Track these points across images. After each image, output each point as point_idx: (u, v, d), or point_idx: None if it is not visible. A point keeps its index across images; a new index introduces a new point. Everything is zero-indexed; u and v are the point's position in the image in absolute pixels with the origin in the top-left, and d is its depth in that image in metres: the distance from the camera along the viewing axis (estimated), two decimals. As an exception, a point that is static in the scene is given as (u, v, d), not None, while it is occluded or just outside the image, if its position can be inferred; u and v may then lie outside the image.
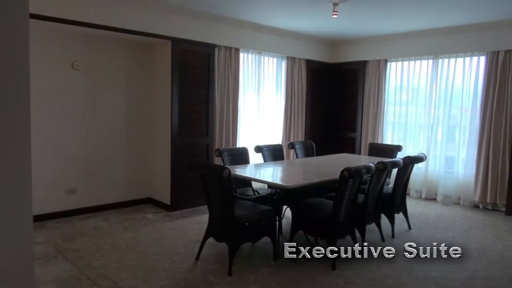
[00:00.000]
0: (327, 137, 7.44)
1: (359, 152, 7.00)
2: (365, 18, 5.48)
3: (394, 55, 6.63)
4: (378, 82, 6.80)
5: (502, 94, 5.50)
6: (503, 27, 5.42)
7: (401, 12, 5.12)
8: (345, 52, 7.26)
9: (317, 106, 7.28)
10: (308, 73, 6.97)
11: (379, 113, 6.81)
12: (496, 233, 4.70)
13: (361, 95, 7.06)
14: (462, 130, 6.06)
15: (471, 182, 5.88)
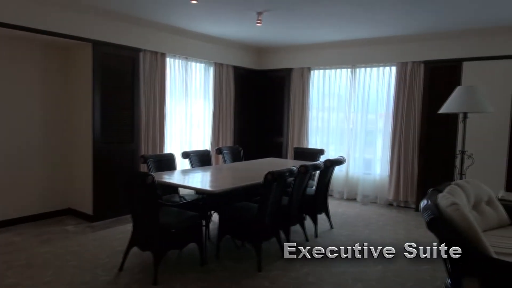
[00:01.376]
0: (255, 142, 7.61)
1: (286, 156, 7.25)
2: (288, 28, 5.71)
3: (317, 63, 6.98)
4: (303, 89, 7.11)
5: (411, 101, 6.05)
6: (411, 41, 5.97)
7: (321, 24, 5.42)
8: (272, 59, 7.49)
9: (245, 112, 7.42)
10: (236, 80, 7.08)
11: (304, 119, 7.12)
12: (407, 228, 5.13)
13: (287, 101, 7.32)
14: (378, 134, 6.55)
15: (386, 182, 6.37)
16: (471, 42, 5.55)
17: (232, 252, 4.08)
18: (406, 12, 4.73)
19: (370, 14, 4.87)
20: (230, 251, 4.10)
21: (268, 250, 4.08)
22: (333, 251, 4.10)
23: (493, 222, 3.60)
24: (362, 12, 4.76)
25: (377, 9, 4.64)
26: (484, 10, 4.56)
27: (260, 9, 4.67)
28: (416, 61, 5.97)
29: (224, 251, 4.04)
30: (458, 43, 5.64)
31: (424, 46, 5.90)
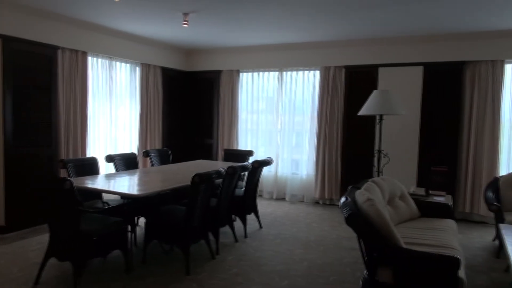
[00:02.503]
0: (185, 144, 7.51)
1: (216, 158, 7.25)
2: (216, 30, 5.72)
3: (245, 66, 7.08)
4: (232, 91, 7.16)
5: (334, 104, 6.37)
6: (333, 47, 6.30)
7: (248, 28, 5.51)
8: (201, 61, 7.45)
9: (174, 114, 7.29)
10: (164, 81, 6.93)
11: (234, 121, 7.17)
12: (332, 224, 5.39)
13: (217, 103, 7.33)
14: (304, 136, 6.80)
15: (313, 182, 6.64)
16: (386, 50, 5.99)
17: (160, 257, 3.98)
18: (328, 20, 4.98)
19: (294, 20, 5.05)
20: (158, 256, 4.00)
21: (197, 252, 4.05)
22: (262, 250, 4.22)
23: (405, 215, 3.92)
24: (287, 17, 4.92)
25: (300, 16, 4.83)
26: (394, 21, 4.95)
27: (186, 10, 4.63)
28: (338, 66, 6.31)
29: (152, 256, 3.94)
30: (374, 50, 6.06)
31: (345, 52, 6.25)
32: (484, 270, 3.85)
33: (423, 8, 4.45)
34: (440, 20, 4.91)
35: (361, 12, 4.62)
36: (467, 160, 5.61)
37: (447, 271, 2.45)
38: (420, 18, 4.82)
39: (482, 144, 5.49)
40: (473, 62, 5.53)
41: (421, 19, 4.89)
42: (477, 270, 3.86)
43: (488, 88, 5.43)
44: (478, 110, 5.50)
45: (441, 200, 4.33)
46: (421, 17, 4.78)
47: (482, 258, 4.22)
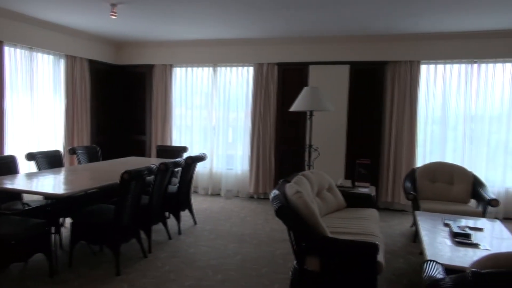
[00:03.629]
0: (116, 141, 7.23)
1: (149, 155, 7.07)
2: (147, 23, 5.57)
3: (179, 61, 6.96)
4: (165, 86, 7.02)
5: (267, 100, 6.50)
6: (266, 44, 6.41)
7: (179, 21, 5.43)
8: (132, 54, 7.20)
9: (104, 109, 6.99)
10: (92, 74, 6.60)
11: (168, 116, 7.03)
12: (266, 218, 5.52)
13: (149, 99, 7.13)
14: (239, 131, 6.86)
15: (247, 177, 6.74)
16: (316, 48, 6.23)
17: (88, 258, 3.82)
18: (260, 17, 5.07)
19: (227, 15, 5.07)
20: (86, 257, 3.83)
21: (128, 252, 3.95)
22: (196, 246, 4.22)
23: (333, 206, 4.13)
24: (219, 12, 4.93)
25: (233, 11, 4.86)
26: (324, 22, 5.17)
27: (114, 1, 4.45)
28: (271, 63, 6.45)
29: (79, 259, 3.76)
30: (306, 48, 6.28)
31: (278, 49, 6.40)
32: (402, 254, 4.18)
33: (350, 11, 4.69)
34: (364, 23, 5.21)
35: (293, 11, 4.76)
36: (388, 153, 6.03)
37: (367, 256, 2.64)
38: (347, 20, 5.08)
39: (402, 138, 5.93)
40: (393, 62, 5.94)
41: (348, 21, 5.15)
42: (396, 254, 4.18)
43: (406, 87, 5.88)
44: (398, 107, 5.93)
45: (365, 191, 4.61)
46: (348, 19, 5.04)
47: (401, 243, 4.58)
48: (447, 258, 2.78)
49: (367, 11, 4.71)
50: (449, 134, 5.90)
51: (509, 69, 5.57)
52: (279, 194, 3.07)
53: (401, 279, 3.54)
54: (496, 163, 5.73)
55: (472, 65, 5.69)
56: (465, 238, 3.19)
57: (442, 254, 2.91)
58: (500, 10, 4.50)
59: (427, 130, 5.98)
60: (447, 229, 3.51)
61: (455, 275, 1.82)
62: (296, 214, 2.84)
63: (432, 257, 2.73)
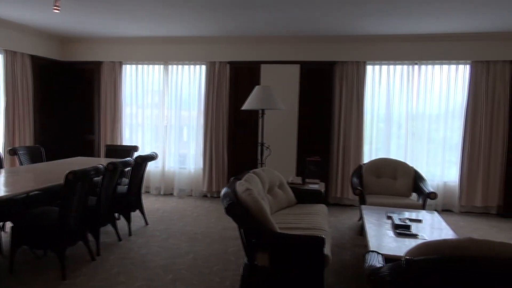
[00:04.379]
0: (62, 140, 6.93)
1: (99, 155, 6.84)
2: (93, 18, 5.38)
3: (129, 58, 6.79)
4: (115, 84, 6.82)
5: (220, 98, 6.51)
6: (218, 42, 6.41)
7: (129, 17, 5.30)
8: (79, 51, 6.92)
9: (49, 107, 6.67)
10: (34, 71, 6.28)
11: (117, 115, 6.84)
12: (219, 216, 5.52)
13: (98, 97, 6.90)
14: (191, 130, 6.82)
15: (200, 175, 6.71)
16: (267, 48, 6.32)
17: (32, 263, 3.65)
18: (211, 16, 5.06)
19: (176, 13, 5.01)
20: (29, 263, 3.65)
21: (75, 255, 3.82)
22: (147, 247, 4.15)
23: (284, 203, 4.22)
24: (167, 10, 4.86)
25: (184, 9, 4.82)
26: (273, 22, 5.26)
27: (58, -6, 4.26)
28: (223, 61, 6.46)
29: (22, 264, 3.58)
30: (257, 48, 6.35)
31: (230, 48, 6.42)
32: (350, 247, 4.36)
33: (300, 12, 4.81)
34: (314, 24, 5.36)
35: (242, 10, 4.80)
36: (337, 151, 6.25)
37: (314, 249, 2.73)
38: (298, 21, 5.20)
39: (350, 136, 6.16)
40: (341, 62, 6.16)
41: (298, 22, 5.27)
42: (344, 247, 4.36)
43: (353, 86, 6.11)
44: (346, 105, 6.16)
45: (315, 187, 4.75)
46: (298, 20, 5.16)
47: (349, 236, 4.77)
48: (388, 249, 2.94)
49: (317, 13, 4.85)
50: (393, 132, 6.21)
51: (446, 71, 5.96)
52: (229, 192, 3.10)
53: (348, 271, 3.70)
54: (436, 158, 6.11)
55: (413, 66, 6.03)
56: (405, 229, 3.39)
57: (384, 245, 3.08)
58: (438, 16, 4.80)
59: (373, 128, 6.26)
60: (389, 221, 3.71)
61: (392, 264, 1.94)
62: (246, 211, 2.89)
63: (374, 248, 2.88)
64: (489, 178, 5.83)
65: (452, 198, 6.04)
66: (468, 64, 5.84)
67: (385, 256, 2.45)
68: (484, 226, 5.37)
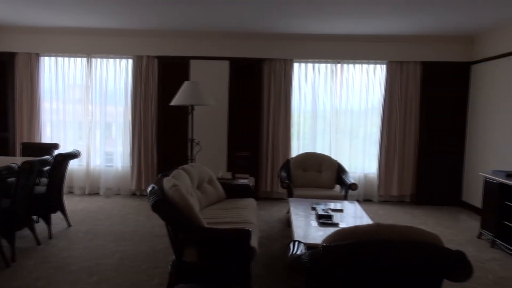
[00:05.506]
0: (-31, 139, 6.31)
1: (14, 154, 6.33)
2: (3, 3, 4.95)
3: (47, 49, 6.34)
4: (31, 77, 6.34)
5: (148, 94, 6.34)
6: (145, 36, 6.23)
7: (46, 4, 4.96)
8: (-12, 40, 6.33)
9: (-47, 102, 6.02)
10: None
11: (35, 111, 6.37)
12: (148, 214, 5.39)
13: (12, 91, 6.36)
14: (118, 127, 6.56)
15: (129, 173, 6.50)
16: (196, 43, 6.28)
17: None
18: (133, 7, 4.91)
19: (100, 3, 4.79)
20: None
21: (-14, 263, 3.51)
22: (69, 250, 3.95)
23: (213, 198, 4.25)
24: (91, 0, 4.64)
25: (107, 0, 4.63)
26: (203, 17, 5.24)
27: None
28: (151, 56, 6.29)
29: None
30: (186, 43, 6.28)
31: (157, 42, 6.27)
32: (278, 238, 4.52)
33: (228, 9, 4.83)
34: (242, 21, 5.42)
35: (162, 3, 4.70)
36: (267, 146, 6.41)
37: (240, 242, 2.80)
38: (226, 16, 5.22)
39: (278, 131, 6.35)
40: (269, 59, 6.31)
41: (227, 18, 5.30)
42: (273, 238, 4.50)
43: (281, 83, 6.30)
44: (274, 102, 6.33)
45: (244, 182, 4.84)
46: (227, 16, 5.18)
47: (278, 228, 4.93)
48: (311, 238, 3.11)
49: (244, 10, 4.92)
50: (319, 127, 6.50)
51: (366, 70, 6.37)
52: (156, 188, 3.05)
53: (276, 262, 3.83)
54: (358, 152, 6.52)
55: (336, 64, 6.36)
56: (327, 219, 3.60)
57: (308, 235, 3.24)
58: (355, 18, 5.12)
59: (301, 123, 6.51)
60: (314, 212, 3.91)
61: (311, 251, 2.07)
62: (173, 207, 2.87)
63: (298, 238, 3.03)
64: (403, 170, 6.35)
65: (372, 188, 6.49)
66: (384, 64, 6.29)
67: (308, 245, 2.58)
68: (399, 213, 5.85)
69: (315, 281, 2.26)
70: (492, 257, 4.09)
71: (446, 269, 1.95)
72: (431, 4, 4.45)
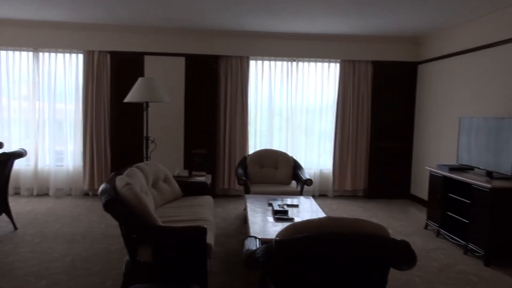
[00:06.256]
0: None
1: (-48, 154, 5.90)
2: None
3: (-9, 43, 5.98)
4: (-29, 71, 5.95)
5: (100, 90, 6.14)
6: (96, 30, 6.02)
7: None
8: None
9: None
10: None
11: (-24, 108, 5.99)
12: (101, 215, 5.18)
13: (-51, 86, 5.94)
14: (68, 124, 6.30)
15: (81, 173, 6.26)
16: (151, 39, 6.15)
17: None
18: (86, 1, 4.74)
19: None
20: None
21: None
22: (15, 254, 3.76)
23: (169, 196, 4.20)
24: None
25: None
26: (156, 11, 5.14)
27: None
28: (103, 51, 6.09)
29: None
30: (140, 38, 6.13)
31: (110, 37, 6.09)
32: (235, 235, 4.54)
33: (181, 3, 4.77)
34: (195, 16, 5.37)
35: None
36: (224, 143, 6.40)
37: (196, 239, 2.79)
38: (180, 12, 5.15)
39: (235, 128, 6.36)
40: (226, 56, 6.30)
41: (181, 13, 5.22)
42: (231, 235, 4.52)
43: (238, 80, 6.31)
44: (231, 99, 6.34)
45: (201, 179, 4.81)
46: (180, 11, 5.11)
47: (235, 225, 4.95)
48: (266, 233, 3.15)
49: (199, 6, 4.87)
50: (275, 124, 6.58)
51: (320, 68, 6.52)
52: (108, 187, 2.97)
53: (233, 258, 3.84)
54: (313, 148, 6.66)
55: (291, 62, 6.46)
56: (283, 214, 3.66)
57: (264, 230, 3.29)
58: (310, 15, 5.22)
59: (257, 120, 6.56)
60: (270, 208, 3.96)
61: (264, 245, 2.10)
62: (126, 206, 2.81)
63: (254, 234, 3.06)
64: (356, 165, 6.58)
65: (327, 184, 6.66)
66: (338, 63, 6.47)
67: (262, 240, 2.61)
68: (353, 207, 6.05)
69: (270, 276, 2.29)
70: (437, 246, 4.34)
71: (392, 258, 2.05)
72: (377, 6, 4.63)
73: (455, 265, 3.82)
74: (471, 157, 4.50)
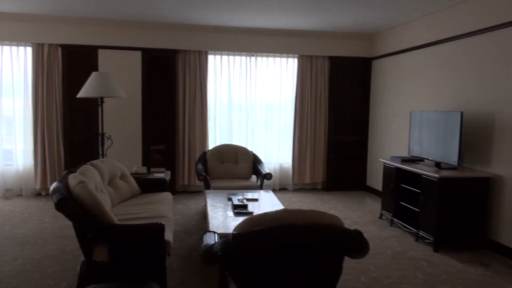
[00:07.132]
0: None
1: None
2: None
3: None
4: None
5: (51, 85, 5.87)
6: (45, 21, 5.74)
7: None
8: None
9: None
10: None
11: None
12: (55, 215, 4.96)
13: None
14: (17, 121, 5.98)
15: (32, 172, 5.98)
16: (105, 32, 5.95)
17: None
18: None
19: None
20: None
21: None
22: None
23: (127, 194, 4.10)
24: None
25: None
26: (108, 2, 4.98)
27: None
28: (54, 44, 5.82)
29: None
30: (93, 31, 5.91)
31: (61, 30, 5.82)
32: (195, 231, 4.51)
33: (135, -5, 4.66)
34: (152, 9, 5.25)
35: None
36: (183, 138, 6.33)
37: (154, 237, 2.75)
38: (129, 3, 5.00)
39: (195, 124, 6.30)
40: (184, 51, 6.21)
41: (131, 4, 5.07)
42: (190, 232, 4.49)
43: (196, 75, 6.25)
44: (190, 94, 6.27)
45: (160, 176, 4.73)
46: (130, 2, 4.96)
47: (195, 221, 4.92)
48: (225, 228, 3.16)
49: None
50: (235, 119, 6.58)
51: (279, 63, 6.58)
52: (60, 186, 2.86)
53: (192, 254, 3.83)
54: (273, 143, 6.73)
55: (250, 57, 6.48)
56: (243, 209, 3.68)
57: (223, 225, 3.29)
58: (272, 12, 5.26)
59: (217, 115, 6.53)
60: (230, 202, 3.97)
61: (222, 240, 2.11)
62: (80, 205, 2.72)
63: (214, 229, 3.06)
64: (315, 159, 6.71)
65: (286, 177, 6.76)
66: (296, 58, 6.56)
67: (222, 234, 2.62)
68: (312, 199, 6.19)
69: (228, 270, 2.31)
70: (390, 235, 4.53)
71: (346, 247, 2.12)
72: (331, 3, 4.74)
73: (407, 252, 4.01)
74: (422, 149, 4.73)
